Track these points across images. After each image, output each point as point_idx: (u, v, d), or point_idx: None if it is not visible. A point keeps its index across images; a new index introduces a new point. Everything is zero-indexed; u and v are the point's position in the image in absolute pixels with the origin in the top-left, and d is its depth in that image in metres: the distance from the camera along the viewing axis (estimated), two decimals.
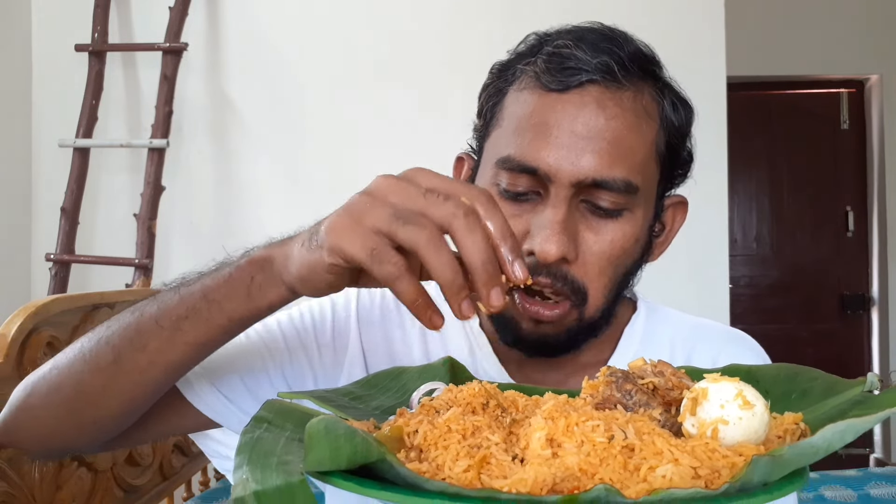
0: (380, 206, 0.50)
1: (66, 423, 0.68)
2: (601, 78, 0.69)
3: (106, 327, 0.66)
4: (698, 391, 0.44)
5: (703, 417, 0.43)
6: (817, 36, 3.56)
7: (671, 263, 2.06)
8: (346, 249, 0.50)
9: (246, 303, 0.60)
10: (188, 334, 0.62)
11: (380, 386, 0.64)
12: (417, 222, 0.49)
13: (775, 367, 0.59)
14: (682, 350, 0.82)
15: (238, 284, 0.60)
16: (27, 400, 0.69)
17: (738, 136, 2.65)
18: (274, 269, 0.58)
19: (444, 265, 0.48)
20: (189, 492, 1.63)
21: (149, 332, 0.63)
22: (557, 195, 0.68)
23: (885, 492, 1.72)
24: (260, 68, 2.31)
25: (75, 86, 2.23)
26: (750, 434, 0.42)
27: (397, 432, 0.44)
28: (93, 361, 0.65)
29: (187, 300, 0.62)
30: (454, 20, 2.26)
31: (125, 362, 0.63)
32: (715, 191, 2.23)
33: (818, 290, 3.73)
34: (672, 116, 0.74)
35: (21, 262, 2.30)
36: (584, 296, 0.70)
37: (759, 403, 0.43)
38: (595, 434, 0.41)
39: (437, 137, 2.10)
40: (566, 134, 0.68)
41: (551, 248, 0.66)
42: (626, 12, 2.18)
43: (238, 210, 2.32)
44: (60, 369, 0.67)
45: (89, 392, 0.65)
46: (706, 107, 2.20)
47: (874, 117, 3.67)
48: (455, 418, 0.45)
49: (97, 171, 2.26)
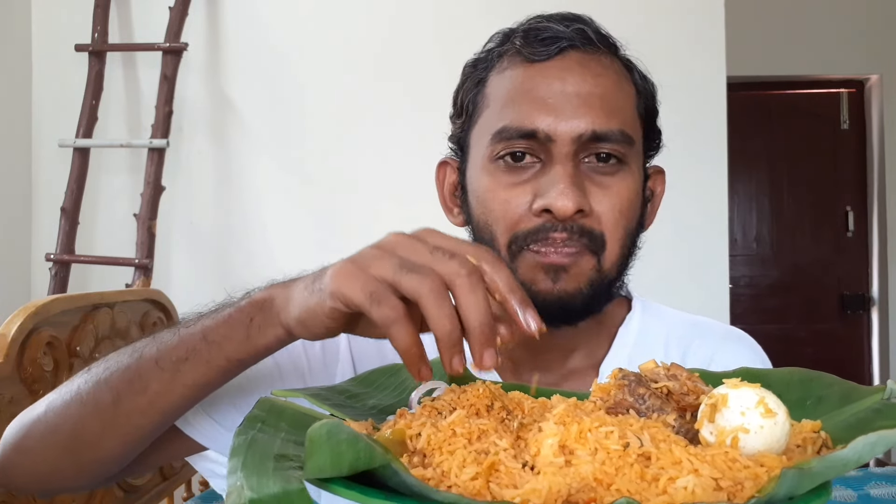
0: (386, 256, 0.51)
1: (65, 463, 0.67)
2: (580, 43, 0.73)
3: (103, 368, 0.65)
4: (717, 397, 0.42)
5: (723, 425, 0.41)
6: (817, 36, 3.56)
7: (671, 263, 2.07)
8: (347, 293, 0.50)
9: (245, 344, 0.59)
10: (187, 376, 0.61)
11: (376, 383, 0.62)
12: (422, 272, 0.49)
13: (787, 371, 0.57)
14: (676, 348, 0.81)
15: (237, 325, 0.59)
16: (22, 442, 0.68)
17: (738, 136, 2.65)
18: (273, 310, 0.58)
19: (445, 316, 0.48)
20: (189, 492, 1.63)
21: (149, 374, 0.62)
22: (560, 153, 0.71)
23: (885, 492, 1.72)
24: (260, 68, 2.31)
25: (75, 86, 2.23)
26: (772, 443, 0.40)
27: (399, 435, 0.43)
28: (91, 404, 0.64)
29: (187, 341, 0.61)
30: (454, 20, 2.26)
31: (125, 404, 0.63)
32: (715, 191, 2.23)
33: (818, 290, 3.72)
34: (642, 84, 0.78)
35: (21, 262, 2.30)
36: (602, 243, 0.72)
37: (781, 412, 0.41)
38: (609, 441, 0.39)
39: (438, 137, 2.10)
40: (558, 95, 0.71)
41: (567, 202, 0.68)
42: (626, 12, 2.18)
43: (238, 210, 2.32)
44: (56, 411, 0.66)
45: (88, 434, 0.65)
46: (706, 107, 2.20)
47: (874, 117, 3.66)
48: (460, 421, 0.43)
49: (97, 171, 2.26)
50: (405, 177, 2.26)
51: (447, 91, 0.85)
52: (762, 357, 0.83)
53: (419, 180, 2.24)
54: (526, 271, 0.71)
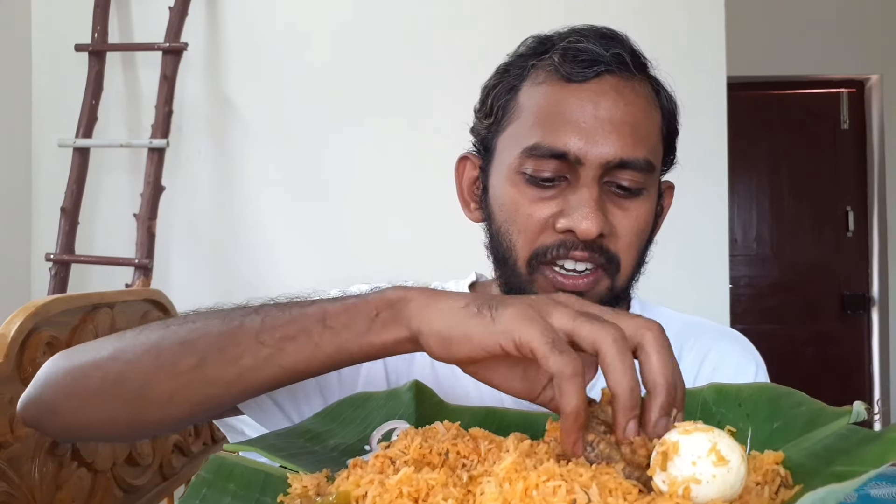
0: (563, 307, 0.49)
1: (122, 416, 0.63)
2: (616, 68, 0.74)
3: (188, 329, 0.61)
4: (669, 444, 0.41)
5: (675, 474, 0.40)
6: (817, 36, 3.56)
7: (671, 263, 2.07)
8: (527, 336, 0.46)
9: (362, 336, 0.55)
10: (289, 357, 0.57)
11: (342, 417, 0.61)
12: (605, 323, 0.47)
13: (757, 387, 0.58)
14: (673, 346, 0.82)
15: (361, 315, 0.55)
16: (73, 386, 0.63)
17: (738, 136, 2.64)
18: (405, 312, 0.54)
19: (628, 371, 0.44)
20: None
21: (245, 345, 0.58)
22: (587, 176, 0.73)
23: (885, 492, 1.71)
24: (260, 68, 2.31)
25: (75, 86, 2.23)
26: (725, 490, 0.39)
27: (344, 499, 0.42)
28: (169, 363, 0.60)
29: (300, 321, 0.57)
30: (454, 19, 2.26)
31: (209, 371, 0.59)
32: (715, 191, 2.23)
33: (818, 290, 3.73)
34: (667, 106, 0.80)
35: (21, 262, 2.30)
36: (617, 265, 0.75)
37: (734, 457, 0.40)
38: (556, 498, 0.39)
39: (438, 137, 2.10)
40: (591, 119, 0.73)
41: (591, 225, 0.71)
42: (626, 12, 2.19)
43: (238, 210, 2.32)
44: (126, 360, 0.62)
45: (157, 393, 0.60)
46: (706, 107, 2.20)
47: (874, 117, 3.66)
48: (407, 479, 0.42)
49: (97, 171, 2.26)
50: (405, 176, 2.26)
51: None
52: (755, 356, 0.85)
53: (419, 180, 2.25)
54: (541, 289, 0.74)
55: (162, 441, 1.26)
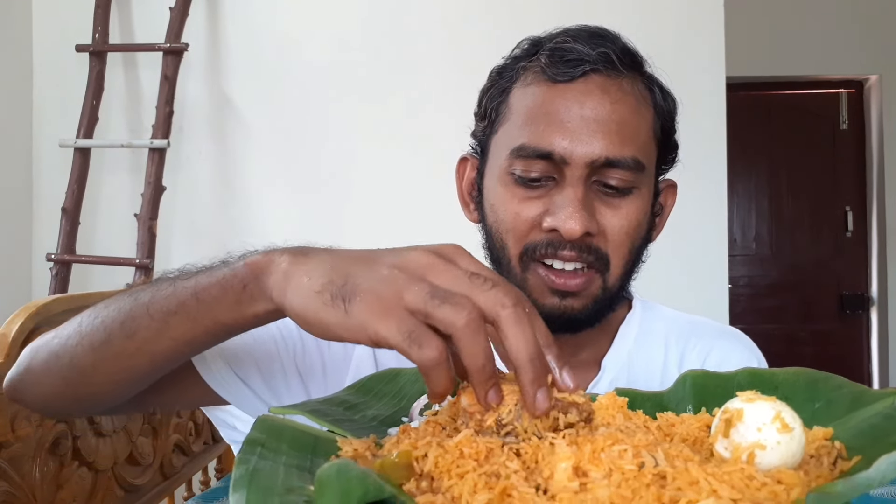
0: (416, 282, 0.46)
1: (64, 391, 0.68)
2: (603, 67, 0.74)
3: (104, 305, 0.65)
4: (732, 412, 0.41)
5: (738, 441, 0.40)
6: (817, 36, 3.56)
7: (671, 263, 2.07)
8: (383, 333, 0.45)
9: (233, 310, 0.56)
10: (175, 329, 0.59)
11: (374, 391, 0.61)
12: (457, 303, 0.44)
13: (793, 371, 0.56)
14: (675, 346, 0.85)
15: (230, 289, 0.56)
16: (30, 363, 0.69)
17: (738, 136, 2.65)
18: (268, 284, 0.53)
19: (480, 351, 0.44)
20: (190, 491, 1.63)
21: (139, 319, 0.61)
22: (573, 176, 0.73)
23: (885, 492, 1.72)
24: (260, 68, 2.32)
25: (76, 86, 2.23)
26: (788, 458, 0.40)
27: (406, 458, 0.42)
28: (87, 338, 0.64)
29: (179, 294, 0.59)
30: (454, 19, 2.27)
31: (115, 345, 0.62)
32: (714, 191, 2.23)
33: (817, 290, 3.73)
34: (662, 104, 0.79)
35: (22, 262, 2.30)
36: (606, 263, 0.75)
37: (797, 426, 0.40)
38: (623, 461, 0.38)
39: (438, 137, 2.10)
40: (577, 119, 0.73)
41: (575, 224, 0.71)
42: (626, 12, 2.19)
43: (238, 210, 2.32)
44: (60, 339, 0.67)
45: (81, 368, 0.65)
46: (706, 107, 2.20)
47: (873, 117, 3.67)
48: (467, 441, 0.42)
49: (98, 171, 2.27)
50: (406, 176, 2.26)
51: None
52: (757, 355, 0.85)
53: (420, 180, 2.25)
54: (535, 288, 0.75)
55: (163, 441, 1.27)
